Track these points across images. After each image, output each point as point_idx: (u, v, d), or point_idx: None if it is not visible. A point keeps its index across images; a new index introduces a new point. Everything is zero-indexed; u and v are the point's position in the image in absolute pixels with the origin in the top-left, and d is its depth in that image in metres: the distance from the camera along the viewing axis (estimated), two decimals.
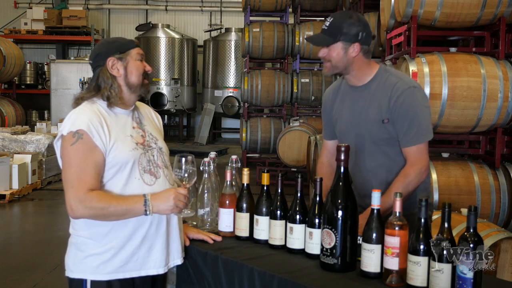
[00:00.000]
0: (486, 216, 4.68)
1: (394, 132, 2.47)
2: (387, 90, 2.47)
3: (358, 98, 2.55)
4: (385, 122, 2.47)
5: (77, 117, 2.12)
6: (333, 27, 2.44)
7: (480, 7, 4.59)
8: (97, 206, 2.03)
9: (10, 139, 8.86)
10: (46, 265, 5.16)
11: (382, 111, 2.47)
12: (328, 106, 2.72)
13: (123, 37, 2.34)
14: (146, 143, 2.24)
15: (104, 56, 2.22)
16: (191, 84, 15.17)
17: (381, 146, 2.51)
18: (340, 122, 2.64)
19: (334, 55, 2.46)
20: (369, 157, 2.54)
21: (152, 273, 2.21)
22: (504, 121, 4.72)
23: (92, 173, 2.07)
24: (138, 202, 2.08)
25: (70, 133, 2.08)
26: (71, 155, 2.07)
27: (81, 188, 2.03)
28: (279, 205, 2.27)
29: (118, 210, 2.06)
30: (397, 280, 1.88)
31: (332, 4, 10.58)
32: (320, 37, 2.49)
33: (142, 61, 2.27)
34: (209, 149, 11.65)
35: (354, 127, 2.56)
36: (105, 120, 2.15)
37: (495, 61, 4.69)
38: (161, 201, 2.10)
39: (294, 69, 10.57)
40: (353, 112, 2.56)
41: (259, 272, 2.06)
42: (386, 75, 2.52)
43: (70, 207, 2.04)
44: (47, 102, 13.17)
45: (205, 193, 2.54)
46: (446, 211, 1.81)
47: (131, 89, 2.24)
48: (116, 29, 17.02)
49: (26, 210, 7.77)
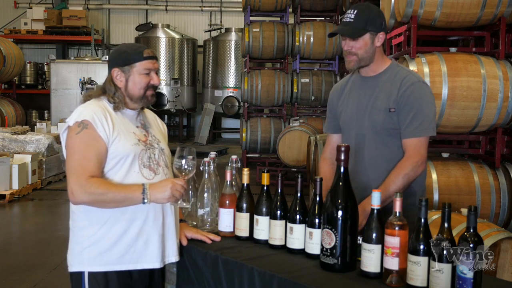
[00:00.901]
0: (486, 216, 4.68)
1: (398, 123, 2.49)
2: (396, 81, 2.51)
3: (367, 88, 2.58)
4: (391, 111, 2.48)
5: (83, 109, 2.22)
6: (361, 18, 2.46)
7: (480, 7, 4.59)
8: (96, 191, 2.08)
9: (10, 139, 8.86)
10: (46, 265, 5.16)
11: (390, 100, 2.49)
12: (335, 98, 2.74)
13: (136, 47, 2.31)
14: (148, 142, 2.31)
15: (111, 64, 2.30)
16: (191, 84, 15.17)
17: (383, 137, 2.51)
18: (345, 112, 2.65)
19: (361, 46, 2.48)
20: (370, 147, 2.54)
21: (148, 267, 2.26)
22: (504, 121, 4.72)
23: (94, 161, 2.14)
24: (136, 190, 2.13)
25: (76, 123, 2.17)
26: (76, 143, 2.15)
27: (82, 174, 2.10)
28: (279, 205, 2.27)
29: (116, 196, 2.11)
30: (397, 280, 1.88)
31: (332, 4, 10.58)
32: (349, 29, 2.48)
33: (149, 74, 2.27)
34: (209, 149, 11.65)
35: (359, 117, 2.57)
36: (110, 114, 2.23)
37: (495, 61, 4.69)
38: (159, 190, 2.14)
39: (294, 69, 10.57)
40: (360, 102, 2.58)
41: (259, 272, 2.06)
42: (397, 68, 2.58)
43: (71, 192, 2.11)
44: (47, 102, 13.18)
45: (205, 193, 2.54)
46: (446, 211, 1.81)
47: (132, 100, 2.30)
48: (116, 29, 17.02)
49: (26, 210, 7.77)
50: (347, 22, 2.49)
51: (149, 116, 2.44)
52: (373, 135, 2.53)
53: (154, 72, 2.29)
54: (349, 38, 2.49)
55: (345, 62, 2.59)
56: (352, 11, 2.48)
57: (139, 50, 2.28)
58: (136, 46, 2.32)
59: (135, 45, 2.35)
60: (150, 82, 2.27)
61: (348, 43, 2.50)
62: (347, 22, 2.49)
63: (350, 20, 2.47)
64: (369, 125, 2.53)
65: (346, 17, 2.50)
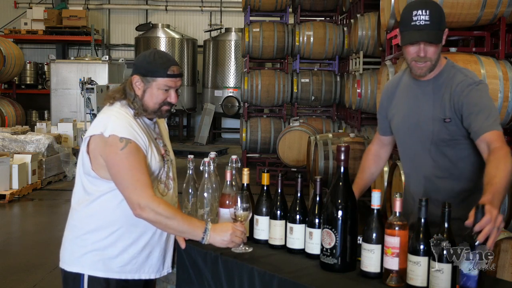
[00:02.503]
0: None
1: (458, 132, 2.29)
2: (452, 87, 2.30)
3: (421, 94, 2.38)
4: (446, 121, 2.30)
5: (115, 120, 2.15)
6: (436, 17, 2.21)
7: (480, 7, 4.58)
8: (164, 213, 2.07)
9: (10, 139, 8.86)
10: (46, 265, 5.16)
11: (446, 109, 2.30)
12: (385, 101, 2.56)
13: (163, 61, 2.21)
14: (165, 155, 2.31)
15: (135, 70, 2.24)
16: (191, 84, 15.17)
17: (441, 147, 2.34)
18: (397, 117, 2.47)
19: (436, 50, 2.26)
20: (428, 157, 2.37)
21: (145, 277, 2.28)
22: (504, 121, 4.71)
23: (146, 174, 2.12)
24: (199, 227, 2.13)
25: (115, 137, 2.10)
26: (124, 160, 2.09)
27: (147, 189, 2.08)
28: (279, 205, 2.27)
29: (180, 226, 2.12)
30: (397, 280, 1.88)
31: (332, 4, 10.58)
32: (432, 34, 2.22)
33: (168, 91, 2.22)
34: (209, 149, 11.65)
35: (411, 125, 2.40)
36: (138, 125, 2.19)
37: (495, 61, 4.69)
38: (219, 233, 2.14)
39: (294, 69, 10.57)
40: (413, 108, 2.40)
41: (259, 272, 2.06)
42: (453, 71, 2.36)
43: (139, 206, 2.06)
44: (47, 102, 13.18)
45: (205, 193, 2.54)
46: (446, 211, 1.81)
47: (145, 111, 2.25)
48: (116, 29, 17.02)
49: (26, 210, 7.77)
50: (423, 25, 2.21)
51: (160, 123, 2.42)
52: (430, 146, 2.36)
53: (174, 90, 2.24)
54: (427, 43, 2.24)
55: (412, 69, 2.33)
56: (424, 12, 2.21)
57: (165, 66, 2.20)
58: (164, 60, 2.22)
59: (164, 57, 2.24)
60: (167, 99, 2.23)
61: (424, 48, 2.24)
62: (423, 26, 2.21)
63: (426, 22, 2.20)
64: (422, 135, 2.36)
65: (420, 20, 2.21)
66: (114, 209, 2.17)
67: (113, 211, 2.18)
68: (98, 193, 2.18)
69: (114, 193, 2.16)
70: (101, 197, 2.18)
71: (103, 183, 2.16)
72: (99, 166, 2.15)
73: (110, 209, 2.18)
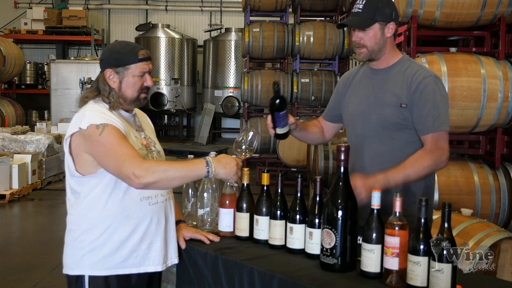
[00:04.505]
0: (486, 216, 4.68)
1: (411, 118, 2.41)
2: (407, 76, 2.43)
3: (376, 81, 2.51)
4: (402, 106, 2.41)
5: (90, 113, 2.14)
6: (369, 7, 2.39)
7: (480, 7, 4.59)
8: (159, 169, 2.02)
9: (10, 139, 8.86)
10: (46, 265, 5.16)
11: (402, 95, 2.41)
12: (341, 88, 2.68)
13: (130, 48, 2.23)
14: (148, 145, 2.29)
15: (104, 64, 2.24)
16: (191, 84, 15.16)
17: (390, 132, 2.44)
18: (352, 104, 2.58)
19: (371, 38, 2.41)
20: (376, 141, 2.47)
21: (150, 270, 2.25)
22: (504, 121, 4.72)
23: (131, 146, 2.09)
24: (200, 163, 2.09)
25: (92, 126, 2.08)
26: (105, 141, 2.06)
27: (135, 158, 2.03)
28: (279, 205, 2.27)
29: (181, 171, 2.07)
30: (397, 280, 1.88)
31: (332, 4, 10.58)
32: (357, 19, 2.41)
33: (143, 76, 2.23)
34: (209, 149, 11.64)
35: (366, 110, 2.50)
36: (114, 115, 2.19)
37: (495, 61, 4.69)
38: (223, 166, 2.12)
39: (294, 69, 10.57)
40: (368, 95, 2.51)
41: (259, 272, 2.06)
42: (408, 62, 2.50)
43: (134, 175, 2.00)
44: (47, 102, 13.18)
45: (205, 193, 2.54)
46: (446, 211, 1.80)
47: (125, 102, 2.25)
48: (116, 29, 17.01)
49: (26, 210, 7.77)
50: (355, 12, 2.41)
51: (140, 117, 2.40)
52: (380, 130, 2.45)
53: (148, 74, 2.24)
54: (358, 29, 2.42)
55: (356, 54, 2.52)
56: (361, 1, 2.41)
57: (134, 51, 2.21)
58: (130, 47, 2.24)
59: (129, 44, 2.26)
60: (144, 84, 2.24)
61: (357, 34, 2.43)
62: (355, 13, 2.41)
63: (358, 10, 2.40)
64: (377, 119, 2.46)
65: (355, 8, 2.42)
66: (104, 205, 2.16)
67: (103, 207, 2.16)
68: (85, 192, 2.17)
69: (101, 189, 2.15)
70: (89, 195, 2.16)
71: (88, 180, 2.15)
72: (83, 162, 2.13)
73: (100, 205, 2.16)
